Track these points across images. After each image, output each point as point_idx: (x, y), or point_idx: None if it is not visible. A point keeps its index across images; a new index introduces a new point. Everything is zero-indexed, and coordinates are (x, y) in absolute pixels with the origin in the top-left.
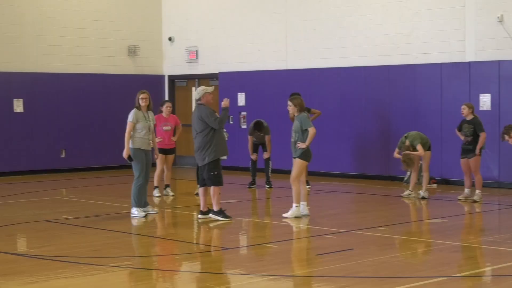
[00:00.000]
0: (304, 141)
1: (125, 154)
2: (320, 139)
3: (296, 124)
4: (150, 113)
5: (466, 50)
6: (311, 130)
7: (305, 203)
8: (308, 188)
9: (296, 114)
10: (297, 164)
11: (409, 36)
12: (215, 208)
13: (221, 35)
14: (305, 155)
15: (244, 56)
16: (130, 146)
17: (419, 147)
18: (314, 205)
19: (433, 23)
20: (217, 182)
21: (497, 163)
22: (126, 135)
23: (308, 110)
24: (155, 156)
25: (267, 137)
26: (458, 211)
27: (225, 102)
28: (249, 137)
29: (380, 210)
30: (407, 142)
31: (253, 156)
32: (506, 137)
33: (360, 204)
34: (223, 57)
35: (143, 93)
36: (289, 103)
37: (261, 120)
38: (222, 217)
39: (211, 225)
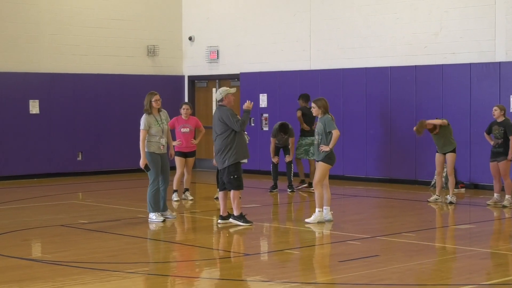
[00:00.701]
0: (327, 144)
1: (142, 164)
2: (344, 141)
3: (319, 126)
4: (163, 113)
5: (496, 49)
6: (335, 133)
7: (328, 207)
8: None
9: (320, 116)
10: (321, 168)
11: (437, 35)
12: (235, 213)
13: (242, 34)
14: (328, 158)
15: (267, 56)
16: (146, 150)
17: (443, 121)
18: (337, 210)
19: (462, 22)
20: (237, 186)
21: None
22: (141, 144)
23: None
24: (170, 155)
25: (291, 140)
26: (487, 216)
27: (247, 104)
28: (272, 140)
29: (406, 216)
30: None
31: (275, 159)
32: None
33: (386, 209)
34: (245, 57)
35: (156, 94)
36: (313, 104)
37: (286, 122)
38: (243, 222)
39: (231, 230)
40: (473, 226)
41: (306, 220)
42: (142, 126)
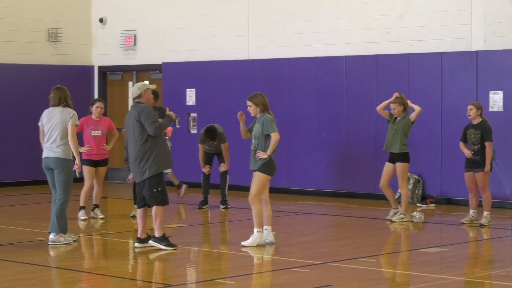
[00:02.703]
0: (265, 150)
1: (79, 168)
2: (290, 147)
3: (257, 128)
4: None
5: (473, 36)
6: (275, 136)
7: (269, 227)
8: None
9: (258, 116)
10: (258, 179)
11: (402, 18)
12: (156, 234)
13: (166, 16)
14: (267, 167)
15: (195, 43)
16: (60, 155)
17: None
18: (281, 230)
19: (432, 2)
20: (162, 201)
21: (510, 178)
22: (75, 141)
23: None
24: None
25: (223, 146)
26: (462, 237)
27: (173, 113)
28: (200, 146)
29: (364, 237)
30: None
31: (205, 169)
32: None
33: (339, 229)
34: (169, 44)
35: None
36: (249, 102)
37: (214, 125)
38: (165, 245)
39: (151, 255)
40: (445, 250)
41: (243, 243)
42: (76, 121)
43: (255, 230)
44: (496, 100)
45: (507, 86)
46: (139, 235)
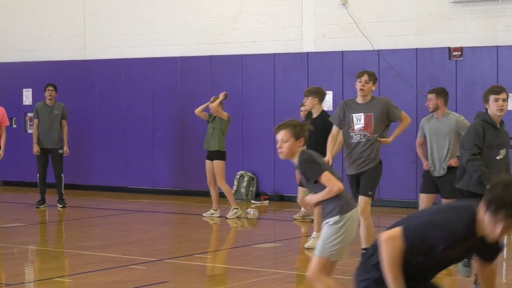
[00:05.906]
0: None
1: None
2: (127, 146)
3: None
4: None
5: (303, 38)
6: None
7: None
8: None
9: None
10: None
11: (236, 20)
12: None
13: (1, 15)
14: None
15: (31, 42)
16: None
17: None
18: (118, 229)
19: (265, 5)
20: None
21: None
22: None
23: None
24: None
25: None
26: (294, 233)
27: None
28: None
29: (200, 234)
30: None
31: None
32: None
33: (177, 226)
34: (4, 43)
35: None
36: None
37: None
38: None
39: None
40: (278, 245)
41: None
42: None
43: None
44: (325, 99)
45: (336, 86)
46: None
